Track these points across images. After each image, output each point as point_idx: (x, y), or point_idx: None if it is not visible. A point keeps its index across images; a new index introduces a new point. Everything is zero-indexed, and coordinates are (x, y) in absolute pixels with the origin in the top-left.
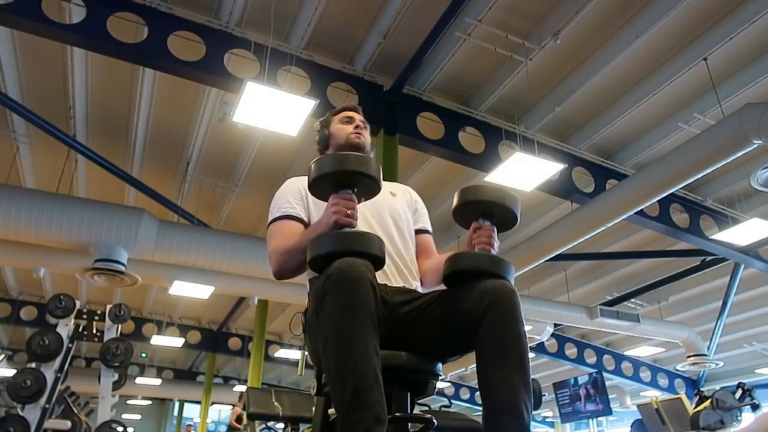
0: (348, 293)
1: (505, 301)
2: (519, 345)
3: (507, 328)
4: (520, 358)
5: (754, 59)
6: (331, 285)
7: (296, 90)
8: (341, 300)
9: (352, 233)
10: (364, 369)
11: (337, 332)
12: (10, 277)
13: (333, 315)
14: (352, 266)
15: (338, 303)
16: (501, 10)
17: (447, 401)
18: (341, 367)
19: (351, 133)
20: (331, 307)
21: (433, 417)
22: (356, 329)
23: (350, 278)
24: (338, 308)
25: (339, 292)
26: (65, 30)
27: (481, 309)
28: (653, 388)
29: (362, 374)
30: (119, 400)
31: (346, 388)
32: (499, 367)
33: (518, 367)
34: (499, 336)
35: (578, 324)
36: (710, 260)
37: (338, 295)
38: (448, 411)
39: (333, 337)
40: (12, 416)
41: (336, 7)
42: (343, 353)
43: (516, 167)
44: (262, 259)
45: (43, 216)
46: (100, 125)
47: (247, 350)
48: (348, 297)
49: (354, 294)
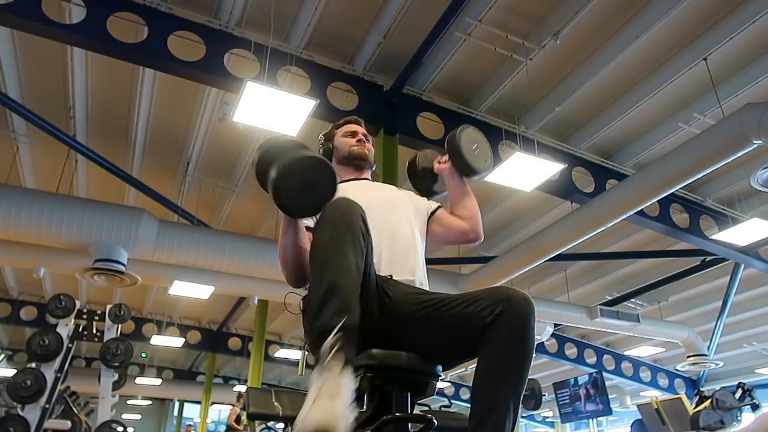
0: (341, 215)
1: (519, 311)
2: (520, 359)
3: (515, 338)
4: (520, 376)
5: (754, 59)
6: (328, 208)
7: (296, 90)
8: (334, 218)
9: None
10: (343, 272)
11: (325, 244)
12: (10, 277)
13: (324, 230)
14: (349, 201)
15: (331, 220)
16: (501, 10)
17: (447, 401)
18: (322, 267)
19: (353, 145)
20: (323, 225)
21: (433, 417)
22: (344, 243)
23: (344, 206)
24: (330, 224)
25: (333, 213)
26: (65, 30)
27: (493, 315)
28: (653, 388)
29: (341, 273)
30: (119, 400)
31: (323, 283)
32: (497, 377)
33: (515, 383)
34: (507, 347)
35: (578, 324)
36: (710, 260)
37: (332, 215)
38: (448, 411)
39: (320, 247)
40: (12, 416)
41: (336, 7)
42: (326, 257)
43: (516, 167)
44: (262, 259)
45: (43, 216)
46: (100, 125)
47: (247, 350)
48: (341, 218)
49: (346, 215)
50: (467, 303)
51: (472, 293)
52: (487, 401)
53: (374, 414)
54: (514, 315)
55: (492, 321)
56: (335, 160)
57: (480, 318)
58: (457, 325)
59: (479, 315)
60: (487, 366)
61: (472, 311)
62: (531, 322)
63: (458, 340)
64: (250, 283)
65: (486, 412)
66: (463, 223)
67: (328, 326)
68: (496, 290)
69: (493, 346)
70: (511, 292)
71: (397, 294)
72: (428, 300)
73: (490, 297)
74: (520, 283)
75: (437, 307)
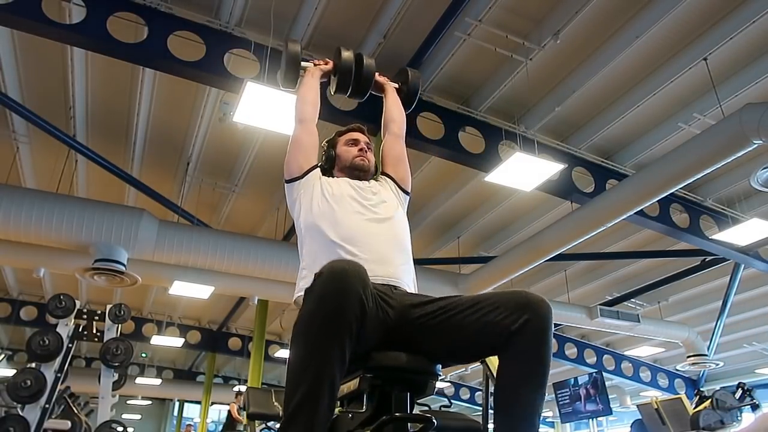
0: (330, 302)
1: (542, 315)
2: (546, 362)
3: (540, 344)
4: (544, 376)
5: (754, 59)
6: (317, 287)
7: (296, 90)
8: (320, 309)
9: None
10: (319, 378)
11: (309, 332)
12: (10, 277)
13: (314, 314)
14: (343, 275)
15: (317, 311)
16: (501, 10)
17: (447, 401)
18: (302, 366)
19: (356, 156)
20: (314, 301)
21: (433, 417)
22: (326, 339)
23: (336, 288)
24: (311, 317)
25: (321, 298)
26: (65, 30)
27: (518, 323)
28: (653, 388)
29: (316, 382)
30: (119, 400)
31: (299, 390)
32: (525, 380)
33: (541, 384)
34: (533, 352)
35: (578, 324)
36: (710, 260)
37: (319, 303)
38: (448, 411)
39: (305, 333)
40: (12, 416)
41: (336, 7)
42: (308, 352)
43: (516, 167)
44: (262, 259)
45: (43, 216)
46: (100, 125)
47: (247, 350)
48: (328, 307)
49: (339, 297)
50: (487, 310)
51: (488, 299)
52: (519, 404)
53: (374, 414)
54: (538, 321)
55: (518, 329)
56: (337, 168)
57: (504, 326)
58: (477, 333)
59: (503, 323)
60: (514, 371)
61: (494, 319)
62: (552, 325)
63: (473, 346)
64: (250, 283)
65: (518, 415)
66: (396, 126)
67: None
68: (515, 296)
69: (518, 351)
70: (531, 297)
71: (404, 304)
72: (437, 308)
73: (510, 304)
74: (520, 283)
75: (451, 314)
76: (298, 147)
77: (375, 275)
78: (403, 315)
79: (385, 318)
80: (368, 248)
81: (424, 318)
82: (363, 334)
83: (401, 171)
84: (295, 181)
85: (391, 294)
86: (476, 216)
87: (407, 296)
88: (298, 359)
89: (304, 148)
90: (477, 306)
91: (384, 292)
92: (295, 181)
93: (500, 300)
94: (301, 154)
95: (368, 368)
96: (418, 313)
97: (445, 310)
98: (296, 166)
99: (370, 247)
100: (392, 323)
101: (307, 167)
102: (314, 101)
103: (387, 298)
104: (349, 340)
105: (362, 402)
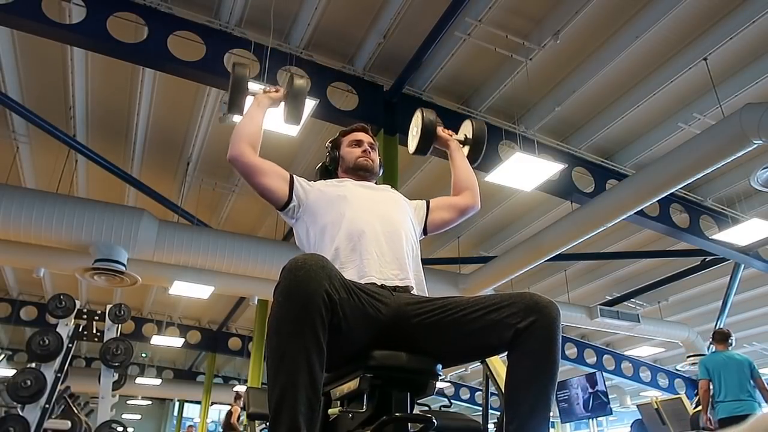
0: (295, 292)
1: (551, 316)
2: (556, 361)
3: (549, 343)
4: (553, 375)
5: (754, 59)
6: (282, 279)
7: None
8: (291, 296)
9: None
10: (296, 364)
11: (280, 332)
12: (10, 277)
13: (282, 312)
14: (303, 265)
15: (288, 296)
16: (501, 10)
17: (447, 401)
18: (278, 363)
19: (359, 157)
20: (282, 302)
21: (433, 417)
22: (302, 334)
23: (298, 277)
24: (287, 304)
25: (286, 289)
26: (65, 30)
27: (526, 323)
28: (653, 388)
29: (294, 370)
30: (119, 400)
31: (276, 387)
32: (534, 380)
33: (550, 383)
34: (541, 352)
35: (578, 324)
36: (710, 260)
37: (285, 294)
38: (448, 411)
39: (276, 333)
40: (12, 416)
41: (336, 7)
42: (281, 351)
43: (516, 167)
44: (262, 259)
45: (43, 216)
46: (100, 125)
47: (247, 350)
48: (298, 297)
49: (306, 289)
50: (491, 309)
51: (491, 298)
52: (528, 404)
53: (374, 414)
54: (547, 321)
55: (525, 328)
56: (341, 169)
57: (510, 324)
58: (479, 330)
59: (509, 321)
60: (522, 371)
61: (498, 317)
62: (560, 326)
63: (475, 344)
64: (250, 283)
65: (528, 414)
66: (466, 197)
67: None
68: (522, 297)
69: (526, 352)
70: (537, 299)
71: (399, 303)
72: (435, 308)
73: (518, 305)
74: (520, 283)
75: (451, 314)
76: (261, 174)
77: (384, 277)
78: (398, 313)
79: (377, 314)
80: (377, 247)
81: (422, 316)
82: (348, 328)
83: (439, 216)
84: (289, 204)
85: (390, 293)
86: (476, 216)
87: (404, 295)
88: (272, 351)
89: (266, 171)
90: (479, 305)
91: (375, 291)
92: (289, 204)
93: (506, 300)
94: (269, 177)
95: (368, 368)
96: (414, 311)
97: (445, 308)
98: (276, 190)
99: (380, 247)
100: (386, 320)
101: (287, 184)
102: (254, 133)
103: (379, 296)
104: (322, 327)
105: (362, 402)
